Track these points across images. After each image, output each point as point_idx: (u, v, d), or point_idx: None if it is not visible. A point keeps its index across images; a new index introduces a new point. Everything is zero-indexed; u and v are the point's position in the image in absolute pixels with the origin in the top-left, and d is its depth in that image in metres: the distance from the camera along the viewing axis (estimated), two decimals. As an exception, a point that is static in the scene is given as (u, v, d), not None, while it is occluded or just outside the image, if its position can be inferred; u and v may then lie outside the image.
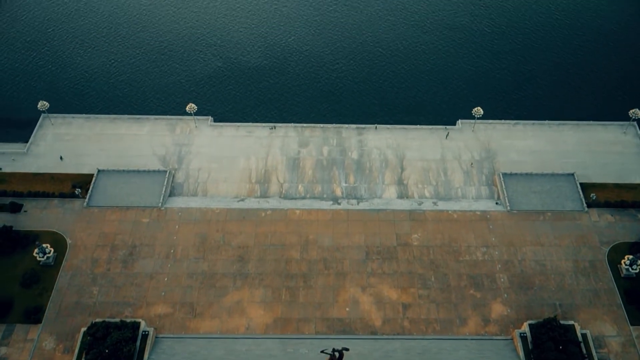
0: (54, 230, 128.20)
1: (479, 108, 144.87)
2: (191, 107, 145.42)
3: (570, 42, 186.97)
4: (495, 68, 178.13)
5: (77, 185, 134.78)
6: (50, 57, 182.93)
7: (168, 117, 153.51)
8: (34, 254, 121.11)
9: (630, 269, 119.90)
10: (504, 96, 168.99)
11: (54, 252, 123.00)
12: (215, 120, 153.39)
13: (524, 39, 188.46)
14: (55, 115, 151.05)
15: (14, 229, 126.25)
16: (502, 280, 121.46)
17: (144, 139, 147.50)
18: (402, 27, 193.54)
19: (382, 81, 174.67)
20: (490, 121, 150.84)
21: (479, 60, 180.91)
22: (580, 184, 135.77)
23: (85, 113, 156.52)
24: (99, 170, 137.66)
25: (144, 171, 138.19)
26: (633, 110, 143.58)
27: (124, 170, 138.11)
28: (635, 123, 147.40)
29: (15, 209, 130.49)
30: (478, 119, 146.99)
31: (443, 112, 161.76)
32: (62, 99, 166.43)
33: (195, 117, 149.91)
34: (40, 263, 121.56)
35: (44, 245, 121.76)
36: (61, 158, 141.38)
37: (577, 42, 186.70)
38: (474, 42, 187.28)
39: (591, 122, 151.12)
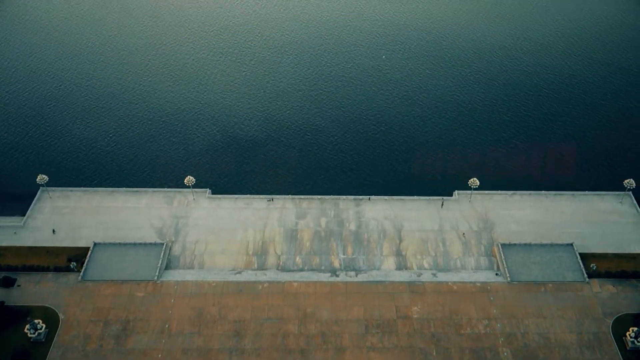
0: (47, 305, 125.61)
1: (475, 179, 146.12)
2: (189, 179, 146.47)
3: (563, 114, 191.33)
4: (490, 140, 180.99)
5: (73, 259, 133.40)
6: (50, 130, 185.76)
7: (166, 189, 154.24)
8: (25, 330, 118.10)
9: (635, 342, 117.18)
10: (499, 167, 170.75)
11: (45, 328, 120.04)
12: (213, 193, 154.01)
13: (517, 112, 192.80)
14: (53, 188, 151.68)
15: (5, 304, 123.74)
16: (505, 354, 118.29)
17: (141, 211, 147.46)
18: (396, 100, 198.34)
19: (378, 153, 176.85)
20: (487, 192, 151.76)
21: (473, 132, 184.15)
22: (580, 254, 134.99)
23: (84, 186, 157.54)
24: (95, 244, 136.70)
25: (140, 244, 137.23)
26: (628, 181, 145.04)
27: (120, 243, 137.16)
28: (630, 193, 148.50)
29: (9, 283, 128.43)
30: (474, 189, 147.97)
31: (439, 183, 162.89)
32: (61, 172, 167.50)
33: (193, 189, 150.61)
34: (32, 339, 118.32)
35: (36, 321, 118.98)
36: (53, 231, 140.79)
37: (570, 114, 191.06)
38: (468, 114, 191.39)
39: (587, 192, 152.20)
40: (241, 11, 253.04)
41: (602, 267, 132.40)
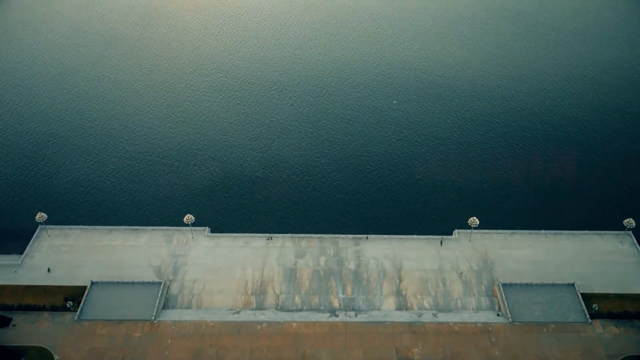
0: (42, 345, 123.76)
1: (474, 218, 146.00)
2: (189, 218, 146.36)
3: (561, 154, 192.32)
4: (488, 178, 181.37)
5: (70, 298, 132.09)
6: (49, 168, 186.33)
7: (165, 228, 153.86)
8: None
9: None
10: (498, 206, 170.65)
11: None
12: (212, 231, 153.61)
13: (515, 151, 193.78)
14: (52, 226, 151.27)
15: (0, 344, 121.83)
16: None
17: (140, 250, 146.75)
18: (395, 139, 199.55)
19: (377, 191, 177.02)
20: (487, 231, 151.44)
21: (472, 170, 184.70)
22: (582, 294, 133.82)
23: (84, 224, 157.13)
24: (92, 282, 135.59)
25: (138, 283, 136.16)
26: (628, 220, 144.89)
27: (117, 282, 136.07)
28: (630, 232, 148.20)
29: (4, 323, 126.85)
30: (474, 228, 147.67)
31: (439, 222, 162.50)
32: (60, 210, 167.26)
33: (193, 227, 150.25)
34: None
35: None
36: (49, 270, 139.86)
37: (568, 154, 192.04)
38: (467, 153, 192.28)
39: (587, 231, 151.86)
40: (242, 50, 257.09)
41: (604, 307, 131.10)
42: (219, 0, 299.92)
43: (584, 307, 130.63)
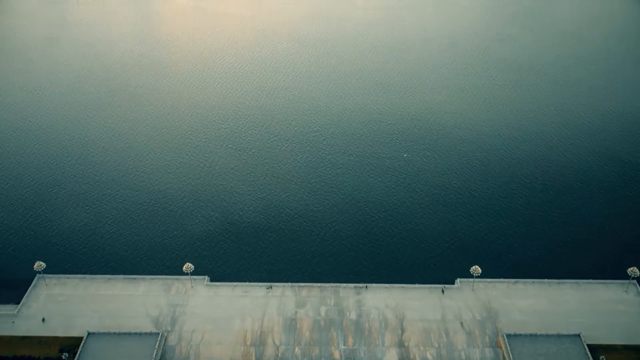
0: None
1: (477, 267, 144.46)
2: (188, 266, 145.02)
3: (563, 202, 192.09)
4: (490, 227, 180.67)
5: (65, 349, 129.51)
6: (48, 216, 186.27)
7: (164, 277, 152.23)
8: None
9: None
10: (501, 254, 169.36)
11: None
12: (212, 280, 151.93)
13: (516, 199, 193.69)
14: (50, 275, 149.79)
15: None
16: None
17: (138, 299, 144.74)
18: (395, 187, 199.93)
19: (378, 239, 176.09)
20: (490, 280, 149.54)
21: (474, 219, 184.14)
22: (588, 345, 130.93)
23: (82, 272, 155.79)
24: (88, 333, 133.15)
25: (135, 334, 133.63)
26: (632, 269, 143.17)
27: (114, 333, 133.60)
28: (635, 282, 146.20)
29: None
30: (477, 277, 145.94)
31: (441, 271, 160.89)
32: (58, 258, 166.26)
33: (192, 276, 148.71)
34: None
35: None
36: (43, 320, 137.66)
37: (570, 202, 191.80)
38: (468, 201, 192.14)
39: (591, 280, 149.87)
40: (243, 98, 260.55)
41: (611, 359, 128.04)
42: (220, 50, 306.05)
43: (591, 358, 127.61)
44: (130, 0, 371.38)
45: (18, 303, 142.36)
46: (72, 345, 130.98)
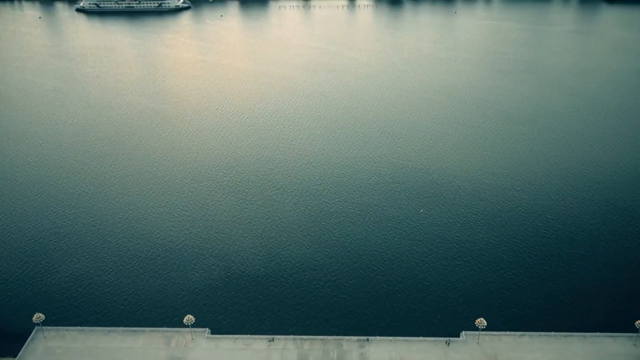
0: None
1: (482, 319, 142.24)
2: (189, 319, 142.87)
3: (567, 254, 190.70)
4: (495, 278, 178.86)
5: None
6: (47, 267, 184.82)
7: (164, 329, 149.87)
8: None
9: None
10: (506, 306, 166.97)
11: None
12: (212, 332, 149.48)
13: (523, 249, 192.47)
14: (49, 327, 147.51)
15: None
16: None
17: (137, 352, 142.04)
18: (398, 238, 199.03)
19: (381, 291, 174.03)
20: (495, 333, 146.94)
21: (478, 270, 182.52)
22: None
23: (82, 324, 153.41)
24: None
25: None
26: (639, 322, 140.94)
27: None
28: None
29: None
30: (482, 330, 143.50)
31: (446, 323, 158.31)
32: (58, 309, 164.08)
33: (193, 329, 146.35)
34: None
35: None
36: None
37: (575, 254, 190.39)
38: (472, 252, 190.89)
39: (598, 333, 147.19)
40: (244, 148, 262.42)
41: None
42: (223, 101, 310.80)
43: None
44: (137, 53, 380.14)
45: (15, 356, 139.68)
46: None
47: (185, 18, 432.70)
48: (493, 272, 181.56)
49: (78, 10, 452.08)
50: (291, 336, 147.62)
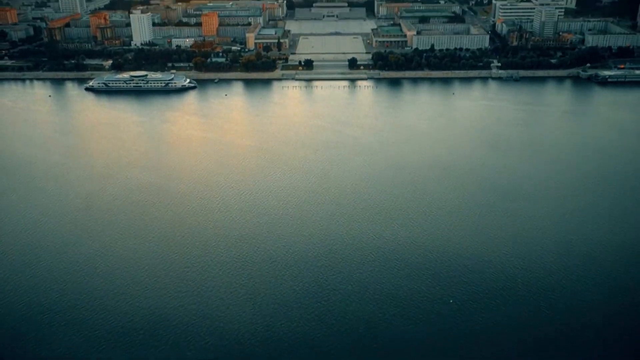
0: None
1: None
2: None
3: (570, 334, 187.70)
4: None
5: None
6: (37, 342, 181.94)
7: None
8: None
9: None
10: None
11: None
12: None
13: (524, 329, 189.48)
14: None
15: None
16: None
17: None
18: (399, 317, 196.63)
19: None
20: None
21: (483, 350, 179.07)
22: None
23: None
24: None
25: None
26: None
27: None
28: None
29: None
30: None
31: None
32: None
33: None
34: None
35: None
36: None
37: (575, 334, 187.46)
38: (474, 334, 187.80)
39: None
40: (243, 222, 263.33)
41: None
42: (224, 177, 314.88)
43: None
44: (141, 130, 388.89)
45: None
46: None
47: (191, 97, 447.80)
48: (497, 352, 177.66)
49: (87, 89, 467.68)
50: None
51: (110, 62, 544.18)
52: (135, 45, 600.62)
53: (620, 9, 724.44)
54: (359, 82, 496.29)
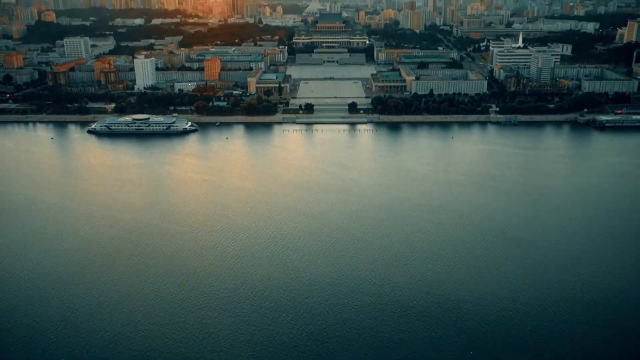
0: None
1: None
2: None
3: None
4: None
5: None
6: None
7: None
8: None
9: None
10: None
11: None
12: None
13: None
14: None
15: None
16: None
17: None
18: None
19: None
20: None
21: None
22: None
23: None
24: None
25: None
26: None
27: None
28: None
29: None
30: None
31: None
32: None
33: None
34: None
35: None
36: None
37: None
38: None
39: None
40: (243, 267, 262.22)
41: None
42: (222, 219, 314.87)
43: None
44: (141, 172, 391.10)
45: None
46: None
47: (192, 140, 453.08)
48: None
49: (90, 132, 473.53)
50: None
51: (113, 105, 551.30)
52: (139, 89, 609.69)
53: (615, 56, 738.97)
54: (359, 126, 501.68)
